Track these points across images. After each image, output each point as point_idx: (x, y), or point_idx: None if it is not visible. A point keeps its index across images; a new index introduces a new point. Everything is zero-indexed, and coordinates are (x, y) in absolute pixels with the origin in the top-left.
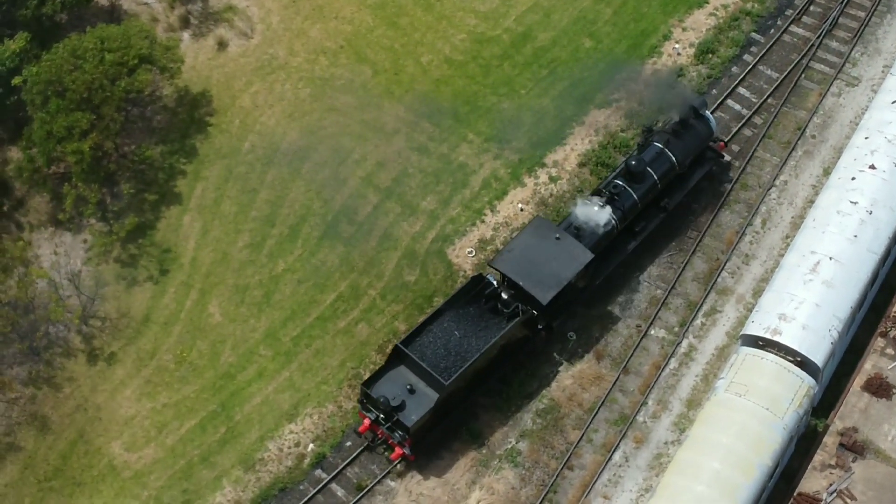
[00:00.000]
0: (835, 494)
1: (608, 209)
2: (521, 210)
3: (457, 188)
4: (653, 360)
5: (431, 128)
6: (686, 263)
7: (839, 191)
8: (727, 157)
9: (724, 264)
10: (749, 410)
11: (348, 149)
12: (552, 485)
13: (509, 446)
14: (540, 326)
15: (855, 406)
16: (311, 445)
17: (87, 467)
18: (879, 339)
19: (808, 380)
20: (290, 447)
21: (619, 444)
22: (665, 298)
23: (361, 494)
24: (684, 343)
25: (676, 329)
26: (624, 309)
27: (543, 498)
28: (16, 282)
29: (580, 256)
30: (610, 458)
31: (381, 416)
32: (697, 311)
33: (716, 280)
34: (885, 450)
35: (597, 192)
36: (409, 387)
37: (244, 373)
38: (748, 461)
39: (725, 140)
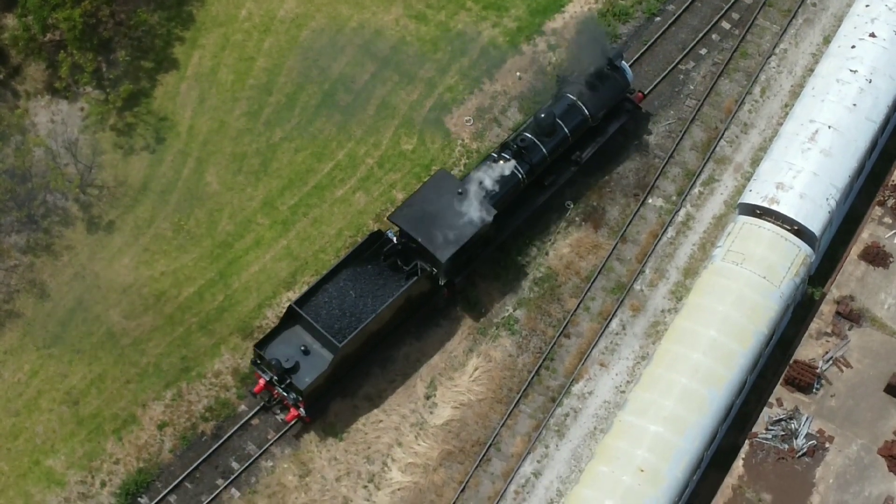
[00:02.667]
0: (830, 362)
1: (513, 163)
2: (520, 78)
3: (455, 56)
4: (650, 228)
5: None
6: (684, 132)
7: (839, 59)
8: (646, 110)
9: (723, 133)
10: (746, 279)
11: (346, 16)
12: (549, 352)
13: (506, 314)
14: (441, 283)
15: (852, 275)
16: None
17: (86, 335)
18: (877, 207)
19: (805, 248)
20: None
21: (616, 312)
22: (663, 167)
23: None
24: (682, 212)
25: (674, 198)
26: (621, 177)
27: (540, 366)
28: (13, 150)
29: (483, 212)
30: (607, 326)
31: (275, 377)
32: (695, 179)
33: (714, 149)
34: (881, 318)
35: (505, 146)
36: (303, 348)
37: (242, 241)
38: (744, 329)
39: (645, 91)
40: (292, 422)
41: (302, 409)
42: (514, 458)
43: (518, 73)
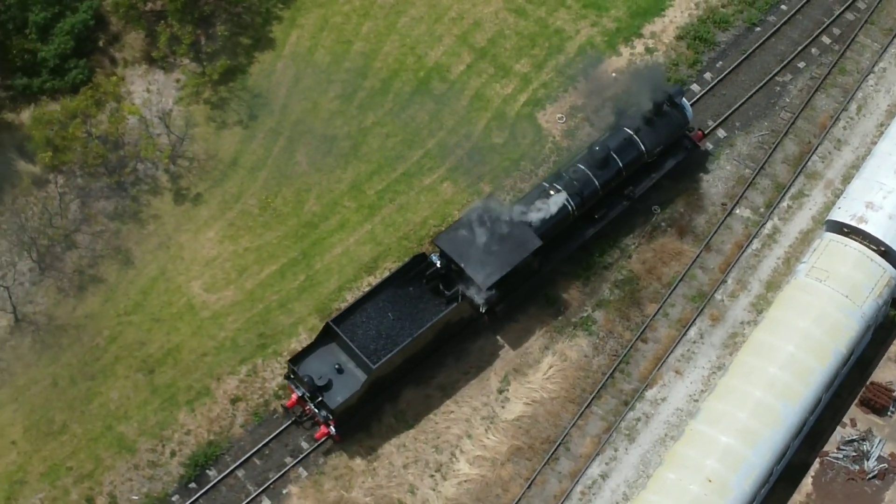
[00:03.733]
0: None
1: (564, 194)
2: (615, 79)
3: (552, 53)
4: (736, 239)
5: None
6: (777, 144)
7: None
8: (704, 147)
9: (816, 148)
10: (828, 296)
11: (445, 5)
12: (625, 356)
13: (585, 314)
14: (482, 310)
15: None
16: None
17: (166, 304)
18: None
19: (891, 270)
20: None
21: (695, 320)
22: (753, 178)
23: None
24: (769, 224)
25: (762, 210)
26: (710, 185)
27: (615, 368)
28: (107, 116)
29: (529, 242)
30: (685, 334)
31: (307, 394)
32: (785, 193)
33: (806, 163)
34: None
35: (557, 176)
36: (337, 366)
37: (327, 223)
38: (824, 347)
39: (705, 131)
40: (321, 440)
41: (332, 428)
42: (582, 458)
43: (614, 74)
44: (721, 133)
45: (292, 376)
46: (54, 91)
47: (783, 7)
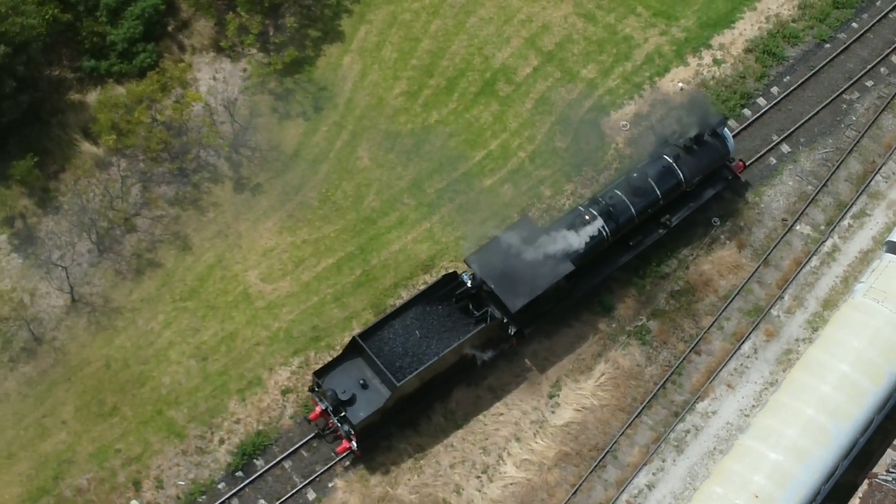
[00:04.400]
0: None
1: (599, 220)
2: (681, 89)
3: (619, 60)
4: (794, 255)
5: None
6: (841, 162)
7: None
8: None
9: (880, 168)
10: (885, 317)
11: (515, 7)
12: (677, 367)
13: (640, 324)
14: (511, 332)
15: None
16: None
17: (222, 292)
18: None
19: None
20: None
21: (749, 334)
22: (815, 195)
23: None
24: (828, 242)
25: (822, 227)
26: (772, 200)
27: (667, 379)
28: (172, 103)
29: (561, 266)
30: (739, 348)
31: (330, 407)
32: (846, 211)
33: (869, 182)
34: None
35: (593, 201)
36: (362, 381)
37: (386, 219)
38: (878, 367)
39: (746, 161)
40: (343, 454)
41: (354, 443)
42: (629, 467)
43: (680, 84)
44: (785, 148)
45: (316, 389)
46: (121, 75)
47: (854, 25)
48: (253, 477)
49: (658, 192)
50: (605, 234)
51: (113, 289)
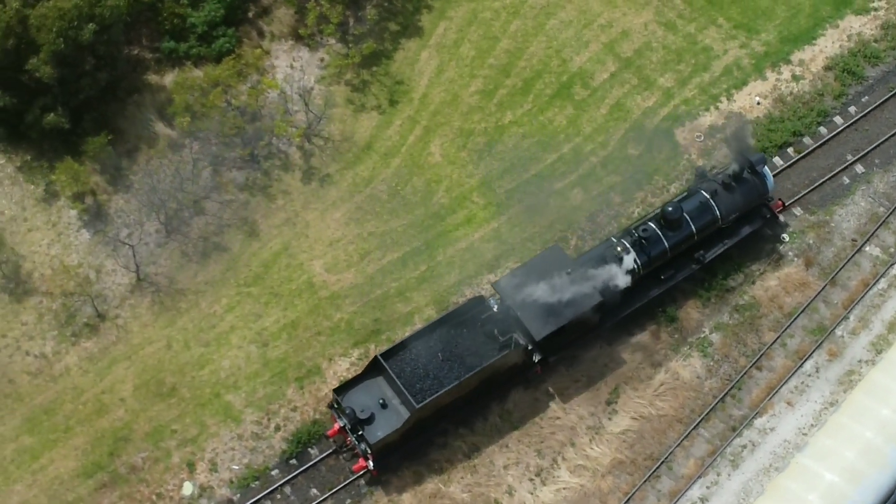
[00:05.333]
0: None
1: (631, 252)
2: (758, 104)
3: (697, 70)
4: (862, 276)
5: (683, 5)
6: None
7: None
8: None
9: None
10: None
11: (596, 12)
12: (738, 381)
13: (702, 336)
14: (535, 360)
15: None
16: None
17: (286, 280)
18: None
19: None
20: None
21: (812, 353)
22: (886, 217)
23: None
24: None
25: (892, 250)
26: (842, 220)
27: (727, 393)
28: (248, 88)
29: (589, 297)
30: (801, 366)
31: (349, 425)
32: None
33: None
34: None
35: (626, 232)
36: (381, 401)
37: (454, 216)
38: None
39: (785, 201)
40: (359, 473)
41: (370, 462)
42: (683, 479)
43: (757, 98)
44: (859, 168)
45: (336, 406)
46: (199, 58)
47: None
48: (307, 465)
49: (693, 227)
50: (636, 266)
51: (178, 270)
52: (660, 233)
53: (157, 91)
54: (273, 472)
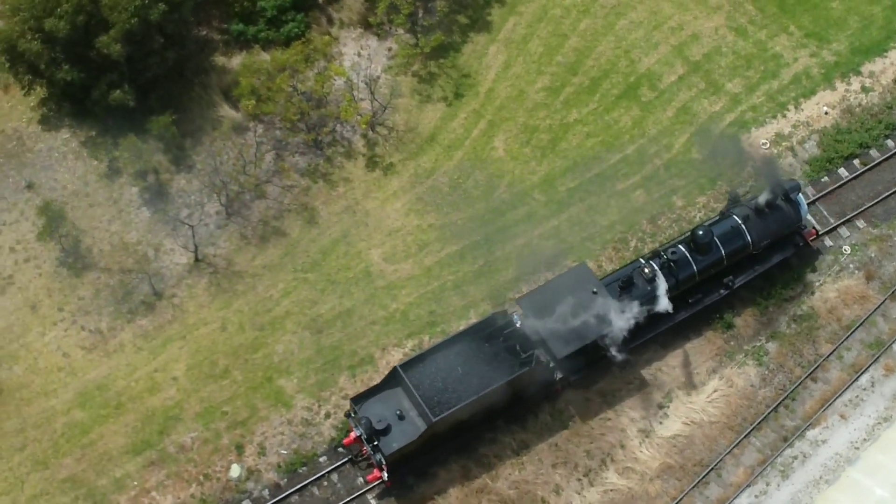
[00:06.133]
0: None
1: (659, 276)
2: (826, 113)
3: (766, 77)
4: None
5: (755, 11)
6: None
7: None
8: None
9: None
10: None
11: (667, 14)
12: (792, 391)
13: (758, 344)
14: (556, 378)
15: None
16: None
17: (343, 268)
18: None
19: None
20: None
21: (868, 367)
22: None
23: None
24: None
25: None
26: None
27: (780, 403)
28: (315, 74)
29: (612, 318)
30: (856, 379)
31: (364, 435)
32: None
33: None
34: None
35: (655, 254)
36: (398, 412)
37: (514, 212)
38: None
39: (819, 230)
40: (373, 483)
41: (385, 473)
42: (732, 487)
43: (825, 108)
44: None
45: (353, 415)
46: (268, 41)
47: None
48: (354, 453)
49: (723, 252)
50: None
51: (237, 252)
52: (689, 256)
53: (224, 73)
54: (321, 459)
